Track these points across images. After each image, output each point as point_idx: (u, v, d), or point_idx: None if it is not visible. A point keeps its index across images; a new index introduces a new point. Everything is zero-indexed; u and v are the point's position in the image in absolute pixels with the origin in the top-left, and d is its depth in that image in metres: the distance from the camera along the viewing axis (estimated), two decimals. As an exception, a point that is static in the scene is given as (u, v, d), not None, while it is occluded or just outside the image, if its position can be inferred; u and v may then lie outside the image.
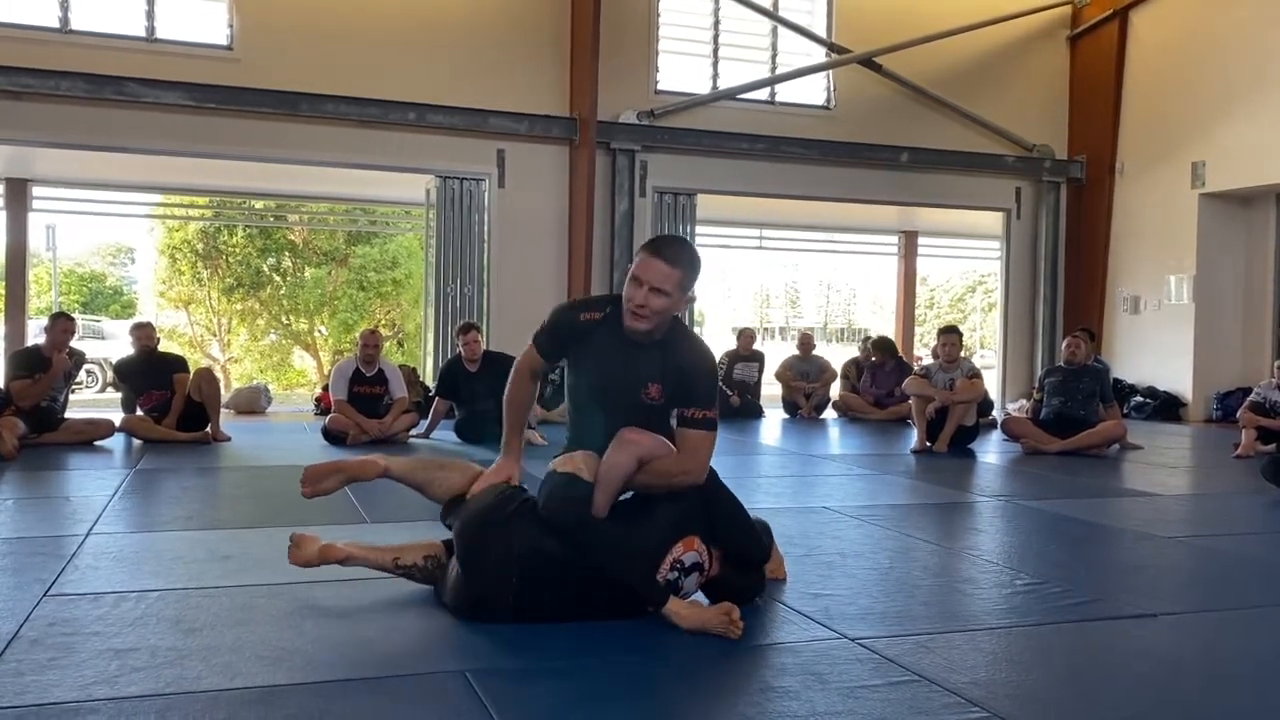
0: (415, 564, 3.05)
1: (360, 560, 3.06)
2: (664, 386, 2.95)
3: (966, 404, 7.44)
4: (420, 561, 3.05)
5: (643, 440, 2.84)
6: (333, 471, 3.25)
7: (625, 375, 2.96)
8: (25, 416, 6.76)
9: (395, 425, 7.49)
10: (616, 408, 2.96)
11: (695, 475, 2.90)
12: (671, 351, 2.96)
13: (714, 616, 2.72)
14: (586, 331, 3.01)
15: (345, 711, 2.20)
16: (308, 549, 3.05)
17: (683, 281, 2.89)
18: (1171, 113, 11.15)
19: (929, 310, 32.98)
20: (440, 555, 3.06)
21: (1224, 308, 11.01)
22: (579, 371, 3.07)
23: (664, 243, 2.97)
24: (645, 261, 2.88)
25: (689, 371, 2.95)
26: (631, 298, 2.87)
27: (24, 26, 9.02)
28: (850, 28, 11.29)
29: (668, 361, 2.95)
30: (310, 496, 3.25)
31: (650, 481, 2.86)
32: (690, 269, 2.92)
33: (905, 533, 4.33)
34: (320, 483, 3.22)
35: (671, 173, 10.72)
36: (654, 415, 2.96)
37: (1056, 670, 2.58)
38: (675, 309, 2.92)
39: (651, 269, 2.85)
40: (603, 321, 2.99)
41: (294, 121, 9.50)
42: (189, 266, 17.77)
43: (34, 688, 2.28)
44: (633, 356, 2.96)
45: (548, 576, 2.78)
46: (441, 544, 3.10)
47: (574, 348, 3.05)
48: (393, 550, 3.09)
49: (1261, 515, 5.09)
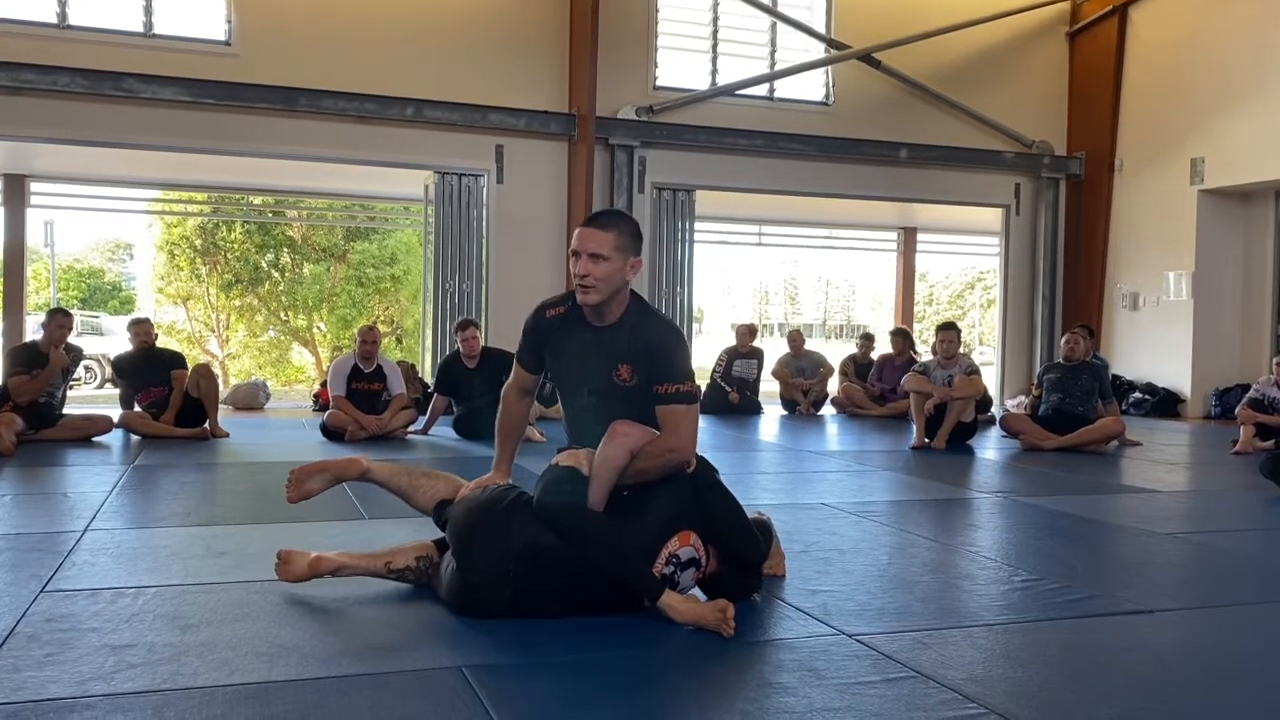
0: (408, 566, 3.05)
1: (352, 569, 3.05)
2: (634, 366, 2.96)
3: (965, 400, 7.44)
4: (413, 563, 3.05)
5: (633, 432, 2.84)
6: (317, 472, 3.31)
7: (595, 360, 3.00)
8: (23, 412, 6.76)
9: (394, 422, 7.49)
10: (594, 394, 3.00)
11: (682, 452, 2.91)
12: (635, 330, 2.98)
13: (709, 612, 2.72)
14: (554, 326, 3.08)
15: (342, 707, 2.19)
16: (297, 564, 3.04)
17: (618, 243, 2.93)
18: (1171, 109, 11.14)
19: (928, 307, 32.97)
20: (432, 555, 3.05)
21: (1223, 304, 11.01)
22: (556, 367, 3.13)
23: (594, 213, 3.07)
24: (578, 233, 2.95)
25: (655, 347, 2.96)
26: (576, 273, 2.93)
27: (22, 22, 9.00)
28: (849, 23, 11.28)
29: (634, 341, 2.97)
30: (295, 500, 3.31)
31: (642, 465, 2.86)
32: (623, 230, 2.96)
33: (903, 529, 4.33)
34: (305, 484, 3.28)
35: (670, 169, 10.72)
36: (633, 399, 2.96)
37: (1054, 666, 2.57)
38: (620, 274, 2.95)
39: (585, 237, 2.93)
40: (567, 313, 3.06)
41: (292, 117, 9.49)
42: (187, 262, 17.76)
43: (31, 684, 2.28)
44: (599, 341, 3.00)
45: (544, 570, 2.78)
46: (433, 544, 3.10)
47: (548, 346, 3.11)
48: (384, 555, 3.08)
49: (1259, 512, 5.09)
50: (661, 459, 2.88)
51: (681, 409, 2.92)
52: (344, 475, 3.34)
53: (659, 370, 2.94)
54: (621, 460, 2.81)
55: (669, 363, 2.96)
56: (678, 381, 2.94)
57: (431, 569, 3.03)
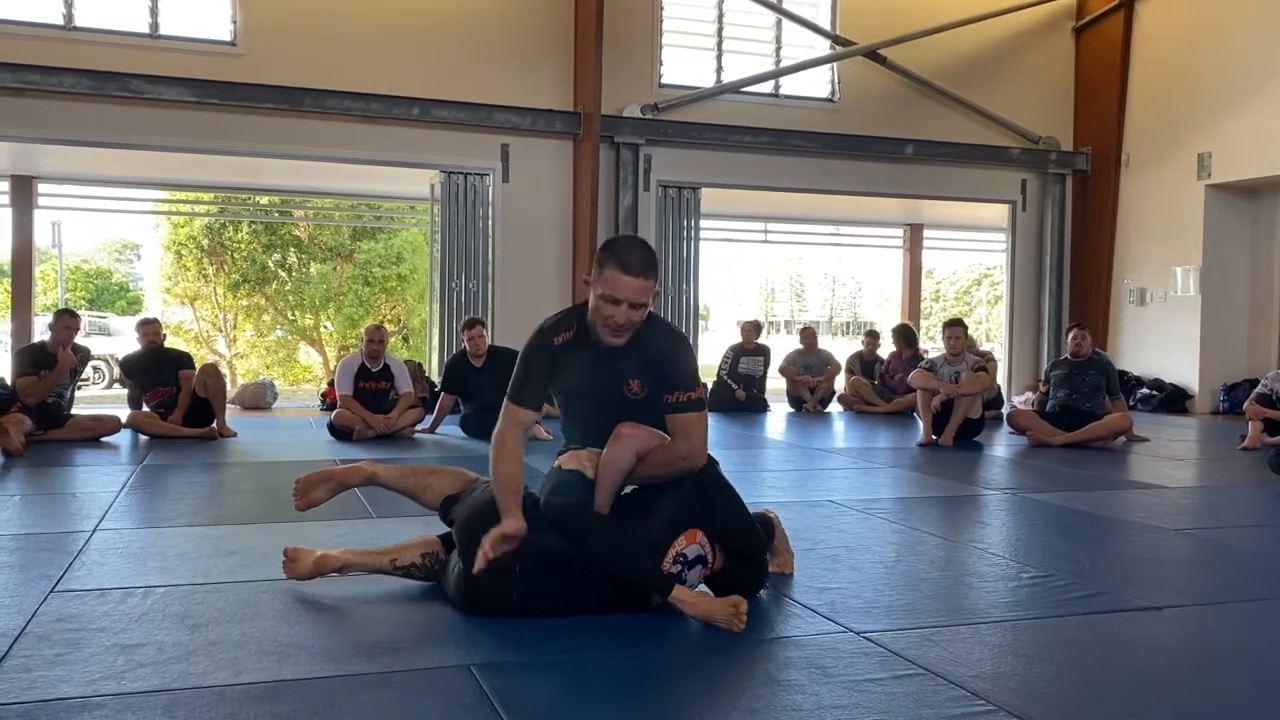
0: (414, 563, 3.05)
1: (358, 566, 3.07)
2: (643, 380, 2.93)
3: (971, 397, 7.43)
4: (418, 560, 3.05)
5: (638, 434, 2.84)
6: (323, 480, 3.35)
7: (608, 380, 2.94)
8: (31, 413, 6.78)
9: (401, 420, 7.50)
10: (602, 409, 2.94)
11: (695, 458, 2.91)
12: (643, 341, 2.92)
13: (720, 607, 2.73)
14: (562, 353, 2.96)
15: (350, 706, 2.20)
16: (303, 562, 3.06)
17: (654, 286, 2.86)
18: (1177, 104, 11.10)
19: (935, 303, 32.90)
20: (438, 551, 3.06)
21: (1230, 300, 10.97)
22: (563, 389, 3.04)
23: (628, 254, 2.82)
24: (617, 279, 2.79)
25: (666, 357, 2.92)
26: (611, 316, 2.82)
27: (28, 23, 9.02)
28: (854, 20, 11.26)
29: (644, 354, 2.92)
30: (304, 509, 3.36)
31: (652, 472, 2.86)
32: (656, 270, 2.88)
33: (910, 526, 4.32)
34: (311, 492, 3.33)
35: (675, 166, 10.71)
36: (640, 409, 2.93)
37: (1062, 663, 2.57)
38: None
39: (627, 287, 2.78)
40: (574, 337, 2.96)
41: (298, 117, 9.50)
42: (194, 262, 17.80)
43: (41, 683, 2.29)
44: (611, 360, 2.93)
45: (551, 569, 2.78)
46: (439, 539, 3.10)
47: (556, 373, 2.99)
48: (389, 552, 3.09)
49: (1268, 508, 5.08)
50: (674, 466, 2.88)
51: (694, 416, 2.90)
52: (349, 482, 3.37)
53: (668, 379, 2.91)
54: (628, 463, 2.81)
55: (678, 370, 2.92)
56: (688, 389, 2.91)
57: (438, 565, 3.04)
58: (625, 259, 2.80)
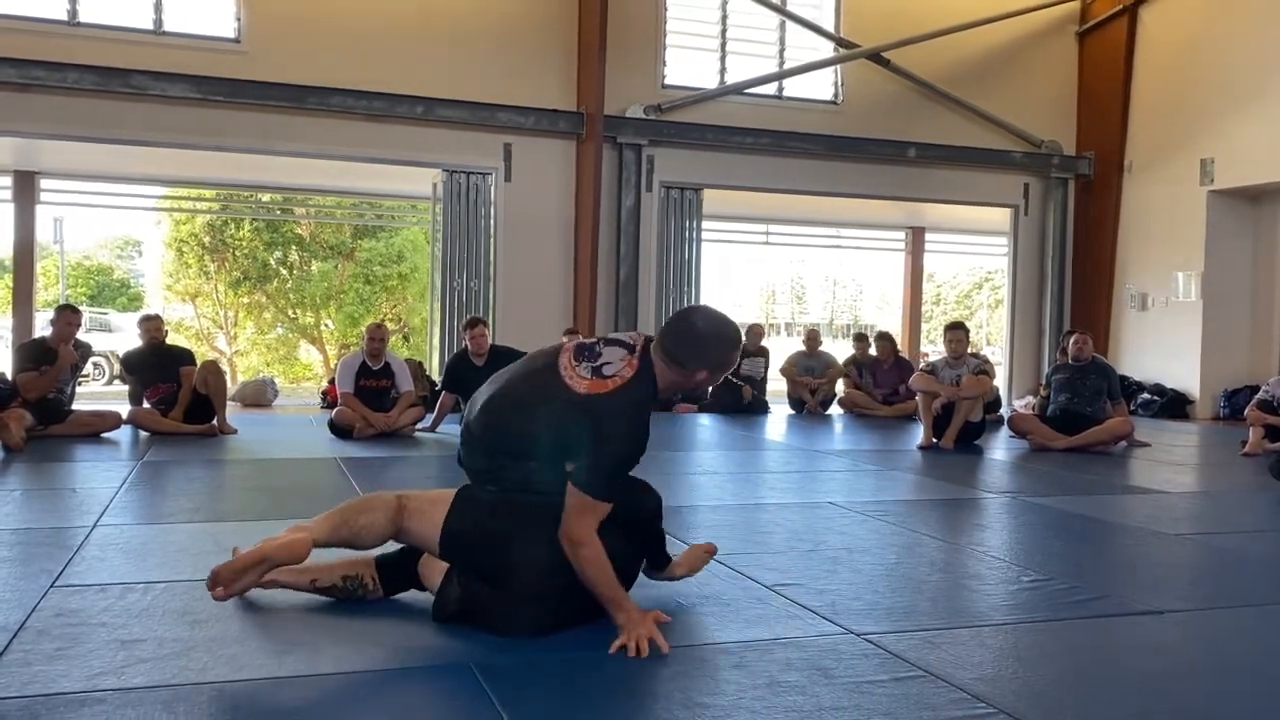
0: (334, 584, 2.89)
1: (282, 584, 2.87)
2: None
3: (972, 400, 7.43)
4: (339, 582, 2.89)
5: None
6: (253, 564, 2.66)
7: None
8: (32, 409, 6.78)
9: (401, 419, 7.50)
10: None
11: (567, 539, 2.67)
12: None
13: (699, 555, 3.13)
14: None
15: (351, 703, 2.20)
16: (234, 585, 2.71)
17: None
18: (1180, 109, 11.10)
19: (936, 306, 32.89)
20: (363, 574, 2.89)
21: (1232, 305, 10.97)
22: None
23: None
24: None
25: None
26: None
27: (32, 19, 9.03)
28: (858, 22, 11.27)
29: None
30: (223, 599, 2.68)
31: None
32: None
33: (911, 529, 4.32)
34: (236, 583, 2.66)
35: (678, 167, 10.71)
36: None
37: (1062, 667, 2.57)
38: None
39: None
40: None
41: (301, 115, 9.51)
42: (196, 259, 17.81)
43: (41, 678, 2.29)
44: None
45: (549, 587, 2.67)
46: (370, 562, 2.91)
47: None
48: (310, 571, 2.88)
49: (1268, 513, 5.08)
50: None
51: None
52: (289, 559, 2.70)
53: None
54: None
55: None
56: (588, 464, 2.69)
57: (361, 588, 2.89)
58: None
